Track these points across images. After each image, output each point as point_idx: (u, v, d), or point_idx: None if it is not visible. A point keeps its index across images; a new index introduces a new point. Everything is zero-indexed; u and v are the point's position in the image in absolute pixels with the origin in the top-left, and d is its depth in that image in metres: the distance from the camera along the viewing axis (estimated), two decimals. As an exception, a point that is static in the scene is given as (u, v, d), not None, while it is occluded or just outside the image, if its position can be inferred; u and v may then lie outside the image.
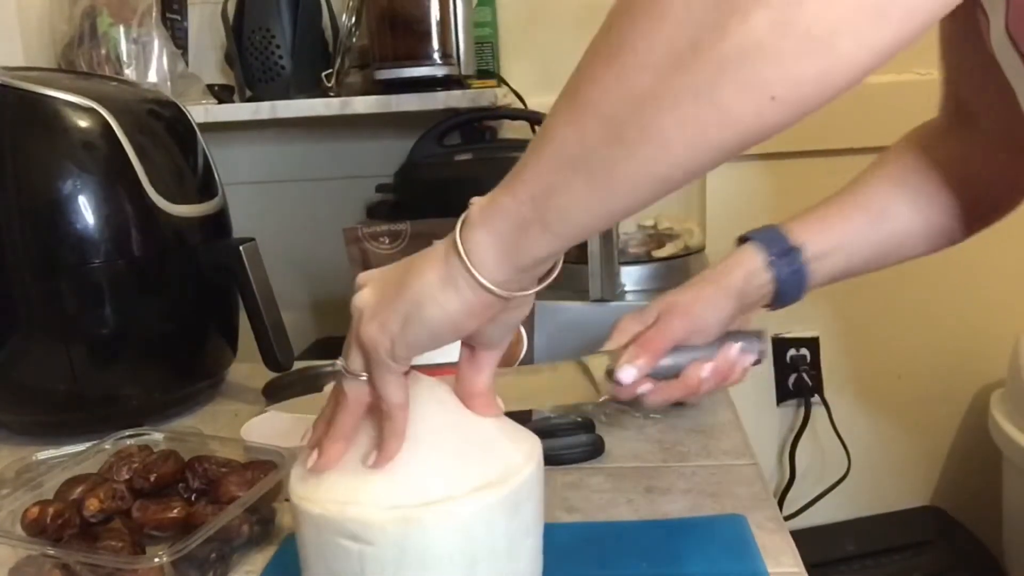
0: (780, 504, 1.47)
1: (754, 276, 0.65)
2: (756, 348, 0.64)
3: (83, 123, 0.85)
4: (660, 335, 0.61)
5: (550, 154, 0.40)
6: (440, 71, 1.20)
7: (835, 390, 1.48)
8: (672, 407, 0.87)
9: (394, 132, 1.35)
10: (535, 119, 1.25)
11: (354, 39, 1.29)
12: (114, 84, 0.99)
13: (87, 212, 0.83)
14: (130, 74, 1.22)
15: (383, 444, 0.47)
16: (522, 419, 0.53)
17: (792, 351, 1.47)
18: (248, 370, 1.03)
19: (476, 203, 0.43)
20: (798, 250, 0.65)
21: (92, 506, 0.63)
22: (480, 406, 0.50)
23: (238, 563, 0.64)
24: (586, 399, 0.62)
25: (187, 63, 1.33)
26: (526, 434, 0.52)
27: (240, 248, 0.92)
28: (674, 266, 1.00)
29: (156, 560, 0.56)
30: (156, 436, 0.75)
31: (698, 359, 0.62)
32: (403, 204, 1.22)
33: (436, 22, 1.19)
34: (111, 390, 0.89)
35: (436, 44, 1.20)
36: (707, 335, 0.63)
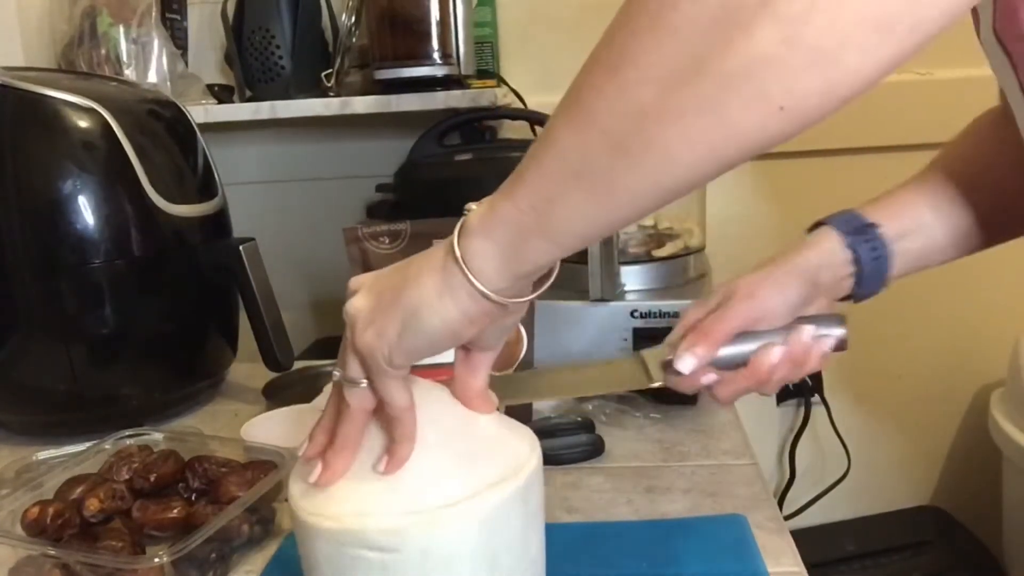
0: (780, 504, 1.47)
1: (831, 257, 0.61)
2: (835, 332, 0.58)
3: (83, 123, 0.85)
4: (721, 321, 0.57)
5: (551, 163, 0.39)
6: (440, 71, 1.20)
7: (835, 390, 1.48)
8: (673, 404, 0.87)
9: (394, 132, 1.35)
10: (535, 119, 1.25)
11: (354, 39, 1.29)
12: (114, 84, 0.99)
13: (87, 212, 0.83)
14: (130, 74, 1.22)
15: (394, 448, 0.46)
16: (522, 419, 0.53)
17: (792, 351, 1.47)
18: (248, 370, 1.03)
19: (474, 210, 0.43)
20: (876, 226, 0.61)
21: (92, 506, 0.63)
22: (478, 406, 0.50)
23: (238, 563, 0.64)
24: (636, 385, 0.58)
25: (187, 63, 1.32)
26: (523, 427, 0.52)
27: (240, 248, 0.92)
28: (674, 266, 1.00)
29: (156, 560, 0.56)
30: (156, 436, 0.75)
31: (768, 344, 0.56)
32: (403, 204, 1.22)
33: (436, 22, 1.19)
34: (111, 390, 0.89)
35: (436, 44, 1.20)
36: (774, 320, 0.58)
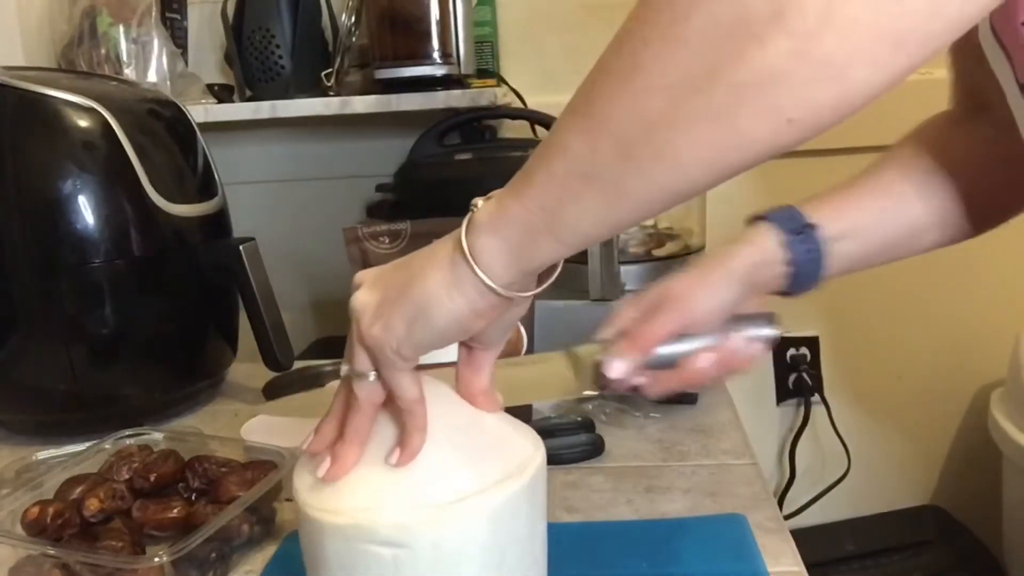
0: (780, 504, 1.47)
1: (767, 255, 0.61)
2: (765, 334, 0.58)
3: (83, 123, 0.85)
4: (652, 326, 0.57)
5: (561, 165, 0.40)
6: (440, 71, 1.20)
7: (835, 390, 1.48)
8: (673, 404, 0.87)
9: (394, 132, 1.35)
10: (535, 119, 1.25)
11: (354, 38, 1.29)
12: (114, 84, 0.99)
13: (87, 212, 0.83)
14: (130, 74, 1.22)
15: (406, 440, 0.46)
16: (522, 419, 0.54)
17: (792, 351, 1.47)
18: (248, 370, 1.03)
19: (482, 207, 0.43)
20: (815, 228, 0.61)
21: (92, 506, 0.63)
22: (482, 404, 0.50)
23: (238, 563, 0.64)
24: (568, 394, 0.59)
25: (187, 63, 1.32)
26: (526, 427, 0.52)
27: (240, 248, 0.92)
28: (674, 266, 1.00)
29: (156, 560, 0.56)
30: (156, 436, 0.75)
31: (698, 349, 0.57)
32: (403, 204, 1.22)
33: (436, 22, 1.19)
34: (111, 390, 0.89)
35: (436, 44, 1.20)
36: (706, 324, 0.58)
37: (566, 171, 0.39)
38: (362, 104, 1.22)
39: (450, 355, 0.50)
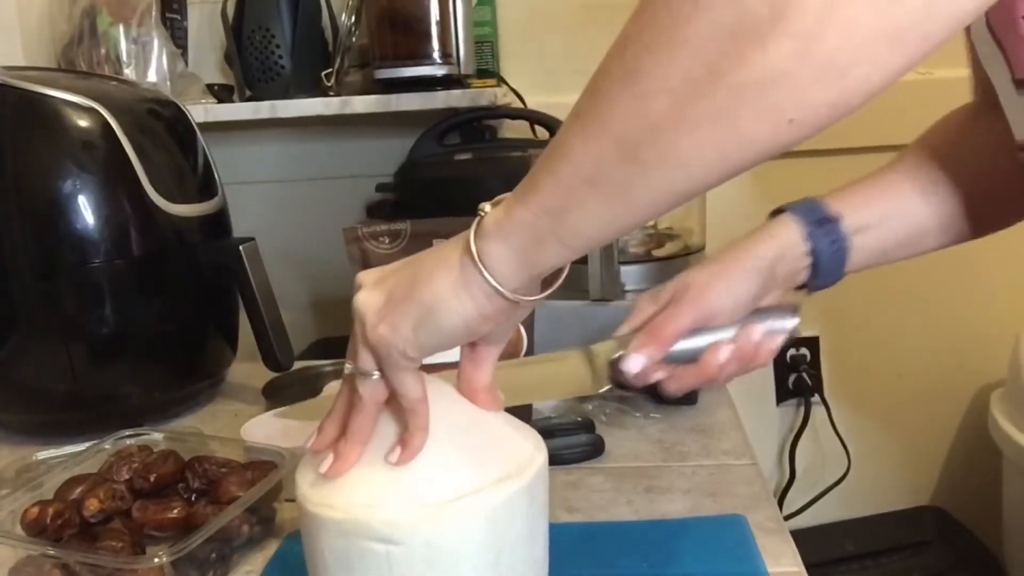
0: (780, 504, 1.47)
1: (789, 249, 0.60)
2: (784, 327, 0.57)
3: (83, 123, 0.84)
4: (671, 320, 0.56)
5: (565, 170, 0.40)
6: (440, 71, 1.20)
7: (835, 390, 1.48)
8: (675, 403, 0.87)
9: (394, 132, 1.35)
10: (535, 119, 1.25)
11: (354, 38, 1.29)
12: (114, 84, 0.99)
13: (87, 212, 0.83)
14: (130, 74, 1.22)
15: (408, 439, 0.47)
16: (522, 419, 0.54)
17: (792, 351, 1.47)
18: (248, 370, 1.03)
19: (489, 213, 0.43)
20: (837, 220, 0.61)
21: (92, 506, 0.63)
22: (483, 402, 0.51)
23: (238, 563, 0.64)
24: (584, 391, 0.58)
25: (187, 63, 1.32)
26: (528, 427, 0.53)
27: (240, 248, 0.92)
28: (674, 266, 1.00)
29: (156, 560, 0.56)
30: (156, 436, 0.75)
31: (718, 342, 0.56)
32: (403, 203, 1.22)
33: (436, 22, 1.19)
34: (111, 390, 0.89)
35: (436, 44, 1.20)
36: (725, 318, 0.57)
37: (571, 176, 0.40)
38: (362, 104, 1.22)
39: (452, 356, 0.50)
